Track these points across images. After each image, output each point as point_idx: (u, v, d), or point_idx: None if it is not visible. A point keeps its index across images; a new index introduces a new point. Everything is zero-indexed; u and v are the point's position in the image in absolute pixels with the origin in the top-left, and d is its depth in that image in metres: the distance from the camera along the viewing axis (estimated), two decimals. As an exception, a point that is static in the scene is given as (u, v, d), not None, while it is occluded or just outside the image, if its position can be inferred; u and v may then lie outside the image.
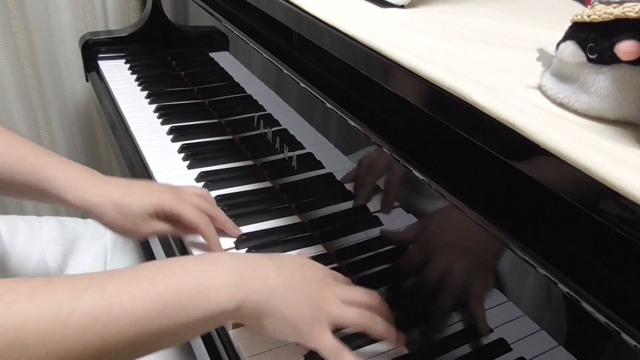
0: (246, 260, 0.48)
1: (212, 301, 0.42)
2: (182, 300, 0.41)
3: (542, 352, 0.43)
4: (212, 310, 0.42)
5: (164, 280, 0.41)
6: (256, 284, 0.46)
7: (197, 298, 0.42)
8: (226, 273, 0.45)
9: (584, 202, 0.36)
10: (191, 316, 0.41)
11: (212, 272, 0.44)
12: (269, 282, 0.47)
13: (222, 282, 0.44)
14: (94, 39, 1.24)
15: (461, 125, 0.45)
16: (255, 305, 0.46)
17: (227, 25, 0.89)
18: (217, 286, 0.43)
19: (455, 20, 0.66)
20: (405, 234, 0.57)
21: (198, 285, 0.42)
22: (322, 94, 0.67)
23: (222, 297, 0.43)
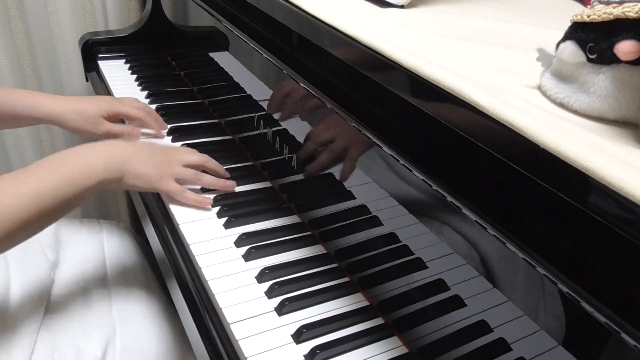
0: (110, 144, 0.71)
1: (94, 175, 0.66)
2: (77, 176, 0.64)
3: (542, 352, 0.44)
4: (95, 180, 0.66)
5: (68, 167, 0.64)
6: (117, 156, 0.69)
7: (87, 173, 0.65)
8: (100, 157, 0.68)
9: (583, 202, 0.36)
10: (84, 184, 0.64)
11: (93, 159, 0.67)
12: (125, 152, 0.70)
13: (98, 164, 0.67)
14: (94, 39, 1.24)
15: (461, 125, 0.45)
16: (117, 169, 0.69)
17: (227, 25, 0.89)
18: (96, 167, 0.66)
19: (455, 20, 0.66)
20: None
21: (85, 167, 0.65)
22: (322, 94, 0.67)
23: (99, 172, 0.66)
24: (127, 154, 0.70)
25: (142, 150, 0.73)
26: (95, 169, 0.66)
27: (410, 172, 0.54)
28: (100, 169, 0.66)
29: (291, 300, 0.64)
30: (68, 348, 0.71)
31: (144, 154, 0.73)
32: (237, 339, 0.59)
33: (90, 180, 0.65)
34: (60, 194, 0.61)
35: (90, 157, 0.66)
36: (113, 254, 0.91)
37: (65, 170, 0.63)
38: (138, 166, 0.71)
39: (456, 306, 0.53)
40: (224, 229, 0.75)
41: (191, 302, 0.67)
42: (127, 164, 0.70)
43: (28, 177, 0.60)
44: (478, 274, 0.49)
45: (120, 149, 0.70)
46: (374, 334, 0.61)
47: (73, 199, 0.63)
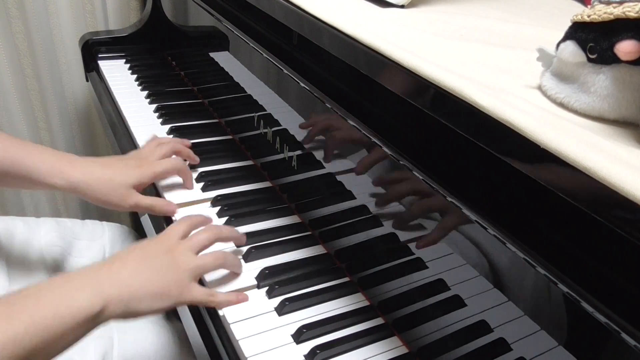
0: (95, 269, 0.55)
1: (76, 313, 0.49)
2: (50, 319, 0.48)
3: (542, 352, 0.44)
4: (80, 318, 0.50)
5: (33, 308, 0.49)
6: (111, 286, 0.53)
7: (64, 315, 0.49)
8: (84, 288, 0.52)
9: (584, 202, 0.36)
10: (62, 328, 0.49)
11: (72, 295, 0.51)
12: (119, 278, 0.54)
13: (80, 298, 0.50)
14: (94, 39, 1.24)
15: (461, 125, 0.45)
16: (120, 301, 0.53)
17: (227, 25, 0.89)
18: (78, 302, 0.50)
19: (455, 20, 0.66)
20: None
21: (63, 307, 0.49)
22: (322, 94, 0.67)
23: (84, 307, 0.50)
24: (124, 277, 0.55)
25: (141, 262, 0.57)
26: (77, 307, 0.50)
27: (410, 172, 0.54)
28: (85, 305, 0.51)
29: (291, 300, 0.64)
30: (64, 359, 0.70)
31: (147, 266, 0.57)
32: (237, 339, 0.59)
33: (68, 322, 0.50)
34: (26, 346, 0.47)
35: (69, 292, 0.51)
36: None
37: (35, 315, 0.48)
38: (147, 287, 0.55)
39: (456, 306, 0.53)
40: (224, 229, 0.75)
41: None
42: (131, 291, 0.54)
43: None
44: (478, 274, 0.49)
45: (113, 274, 0.55)
46: (374, 334, 0.61)
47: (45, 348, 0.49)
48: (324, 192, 0.73)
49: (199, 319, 0.64)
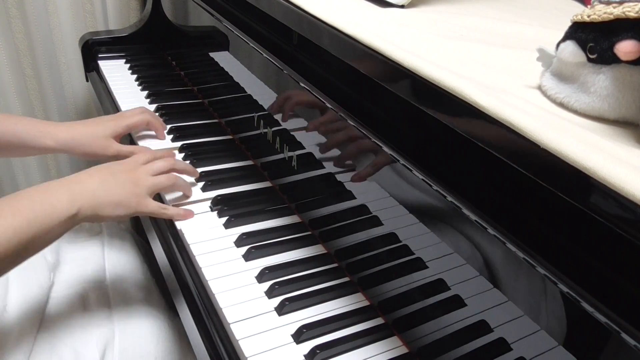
0: (70, 180, 0.68)
1: (59, 213, 0.63)
2: (40, 217, 0.61)
3: (542, 352, 0.44)
4: (62, 218, 0.63)
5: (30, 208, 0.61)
6: (82, 193, 0.66)
7: (50, 213, 0.62)
8: (63, 193, 0.65)
9: (584, 202, 0.36)
10: (48, 224, 0.62)
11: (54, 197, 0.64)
12: (89, 187, 0.67)
13: (61, 202, 0.64)
14: (94, 39, 1.24)
15: (461, 125, 0.45)
16: (89, 206, 0.66)
17: (227, 25, 0.89)
18: (59, 205, 0.63)
19: (456, 20, 0.66)
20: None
21: (47, 208, 0.62)
22: (322, 94, 0.67)
23: (64, 209, 0.63)
24: (93, 187, 0.67)
25: (106, 176, 0.70)
26: (59, 210, 0.63)
27: (410, 172, 0.54)
28: (65, 209, 0.63)
29: (291, 300, 0.64)
30: (66, 351, 0.71)
31: (110, 179, 0.69)
32: (237, 339, 0.59)
33: (53, 221, 0.62)
34: (23, 236, 0.59)
35: (53, 197, 0.63)
36: (113, 255, 0.91)
37: (24, 211, 0.60)
38: (108, 196, 0.68)
39: (456, 306, 0.53)
40: (224, 229, 0.75)
41: (191, 302, 0.67)
42: (96, 198, 0.67)
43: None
44: (478, 274, 0.49)
45: (83, 183, 0.67)
46: (374, 334, 0.61)
47: (37, 239, 0.61)
48: (324, 192, 0.73)
49: (199, 318, 0.65)
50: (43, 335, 0.71)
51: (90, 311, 0.78)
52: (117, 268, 0.88)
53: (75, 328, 0.74)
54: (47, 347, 0.70)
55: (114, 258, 0.90)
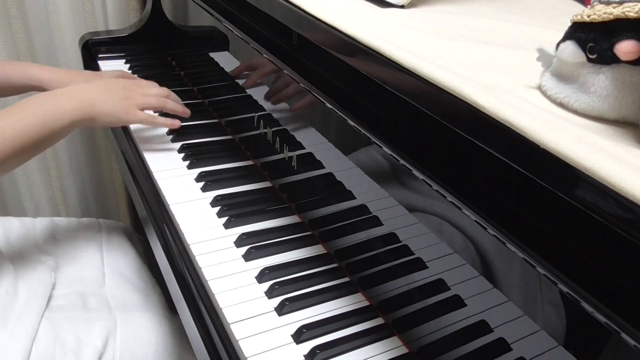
0: (74, 89, 0.79)
1: (66, 117, 0.74)
2: (49, 118, 0.72)
3: (542, 352, 0.44)
4: (67, 121, 0.74)
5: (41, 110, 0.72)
6: (83, 101, 0.77)
7: (59, 116, 0.73)
8: (69, 101, 0.76)
9: (583, 202, 0.36)
10: (56, 125, 0.73)
11: (63, 102, 0.75)
12: (89, 96, 0.78)
13: (68, 106, 0.75)
14: (94, 39, 1.24)
15: (461, 125, 0.45)
16: (87, 112, 0.77)
17: (227, 25, 0.89)
18: (66, 109, 0.75)
19: (456, 20, 0.66)
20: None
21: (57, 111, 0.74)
22: (322, 94, 0.67)
23: (70, 114, 0.75)
24: (91, 97, 0.78)
25: (104, 89, 0.81)
26: (66, 112, 0.74)
27: (410, 172, 0.54)
28: (70, 112, 0.75)
29: (291, 300, 0.64)
30: (69, 338, 0.72)
31: (107, 93, 0.81)
32: (237, 339, 0.59)
33: (61, 122, 0.73)
34: (35, 134, 0.70)
35: (61, 101, 0.75)
36: (113, 253, 0.91)
37: (39, 113, 0.71)
38: (105, 106, 0.79)
39: (456, 306, 0.53)
40: (224, 229, 0.75)
41: (191, 302, 0.67)
42: (95, 106, 0.78)
43: (6, 117, 0.69)
44: (478, 274, 0.49)
45: (85, 92, 0.79)
46: (374, 334, 0.61)
47: (47, 137, 0.72)
48: (324, 192, 0.73)
49: (199, 318, 0.64)
50: (46, 323, 0.72)
51: (92, 307, 0.79)
52: (117, 267, 0.89)
53: (78, 319, 0.75)
54: (50, 332, 0.71)
55: (114, 256, 0.90)
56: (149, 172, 0.88)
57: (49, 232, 0.90)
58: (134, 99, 0.83)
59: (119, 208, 1.61)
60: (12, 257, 0.80)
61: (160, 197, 0.81)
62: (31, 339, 0.69)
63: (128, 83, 0.86)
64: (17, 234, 0.87)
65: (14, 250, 0.82)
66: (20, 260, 0.80)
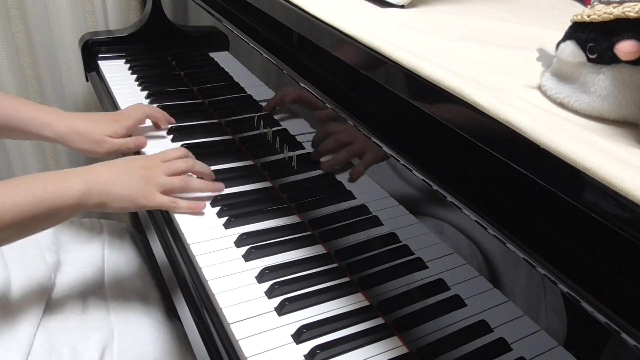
0: (86, 169, 0.71)
1: (68, 198, 0.66)
2: (47, 198, 0.65)
3: (542, 352, 0.44)
4: (70, 202, 0.67)
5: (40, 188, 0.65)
6: (94, 182, 0.69)
7: (59, 197, 0.66)
8: (75, 182, 0.68)
9: (584, 202, 0.36)
10: (55, 206, 0.65)
11: (69, 183, 0.68)
12: (102, 177, 0.70)
13: (74, 187, 0.67)
14: (94, 39, 1.24)
15: (461, 125, 0.45)
16: (98, 195, 0.69)
17: (227, 25, 0.89)
18: (71, 190, 0.67)
19: (455, 20, 0.66)
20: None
21: (59, 191, 0.66)
22: (322, 94, 0.67)
23: (74, 195, 0.67)
24: (105, 178, 0.70)
25: (121, 170, 0.73)
26: (69, 195, 0.66)
27: (410, 172, 0.54)
28: (75, 195, 0.67)
29: (291, 300, 0.64)
30: (65, 350, 0.71)
31: (124, 174, 0.72)
32: (237, 339, 0.59)
33: (62, 203, 0.66)
34: (33, 211, 0.63)
35: (65, 182, 0.67)
36: (114, 254, 0.91)
37: (35, 191, 0.64)
38: (119, 188, 0.71)
39: (456, 306, 0.53)
40: (224, 229, 0.75)
41: (191, 302, 0.67)
42: (107, 189, 0.70)
43: (5, 189, 0.63)
44: (478, 274, 0.49)
45: (97, 174, 0.70)
46: (374, 334, 0.61)
47: (43, 218, 0.65)
48: (324, 192, 0.73)
49: (199, 318, 0.64)
50: (42, 334, 0.72)
51: (90, 311, 0.78)
52: (117, 268, 0.89)
53: (75, 329, 0.75)
54: (46, 345, 0.71)
55: (114, 258, 0.90)
56: (149, 172, 0.87)
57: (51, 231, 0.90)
58: (154, 181, 0.74)
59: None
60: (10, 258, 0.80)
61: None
62: (26, 352, 0.69)
63: (149, 161, 0.77)
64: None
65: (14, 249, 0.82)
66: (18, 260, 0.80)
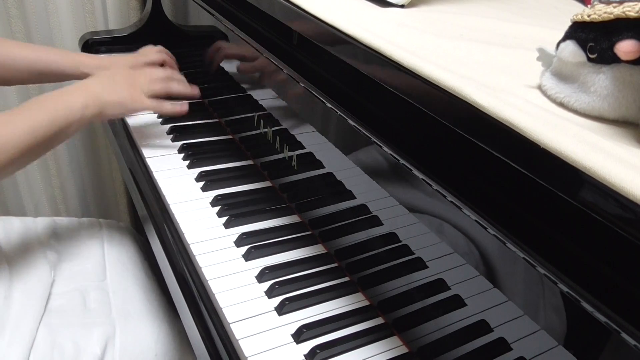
0: (79, 85, 0.79)
1: (75, 112, 0.75)
2: (61, 115, 0.73)
3: (542, 352, 0.44)
4: (76, 116, 0.75)
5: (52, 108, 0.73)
6: (90, 95, 0.77)
7: (68, 112, 0.74)
8: (77, 97, 0.76)
9: (583, 202, 0.36)
10: (67, 121, 0.74)
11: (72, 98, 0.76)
12: (95, 89, 0.79)
13: (77, 101, 0.76)
14: (94, 39, 1.24)
15: (461, 125, 0.45)
16: (95, 105, 0.77)
17: (227, 25, 0.89)
18: (75, 104, 0.75)
19: (456, 20, 0.66)
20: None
21: (67, 107, 0.74)
22: (322, 94, 0.67)
23: (78, 109, 0.75)
24: (97, 90, 0.79)
25: (108, 80, 0.82)
26: (75, 107, 0.75)
27: (410, 172, 0.54)
28: (79, 107, 0.75)
29: (291, 300, 0.64)
30: (68, 345, 0.71)
31: (111, 83, 0.81)
32: (237, 339, 0.59)
33: (71, 117, 0.74)
34: (47, 131, 0.71)
35: (70, 97, 0.76)
36: (113, 253, 0.91)
37: (50, 110, 0.72)
38: (110, 96, 0.79)
39: (456, 306, 0.53)
40: (224, 228, 0.75)
41: (191, 301, 0.67)
42: (101, 98, 0.78)
43: (18, 116, 0.70)
44: (478, 274, 0.49)
45: (91, 86, 0.79)
46: (374, 334, 0.61)
47: (58, 134, 0.73)
48: (324, 191, 0.73)
49: (199, 318, 0.64)
50: (44, 329, 0.72)
51: (91, 309, 0.79)
52: (117, 267, 0.89)
53: (76, 325, 0.75)
54: (48, 339, 0.71)
55: (114, 256, 0.90)
56: (149, 171, 0.88)
57: (51, 230, 0.90)
58: (139, 85, 0.84)
59: (119, 208, 1.61)
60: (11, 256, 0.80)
61: (160, 196, 0.81)
62: (29, 347, 0.69)
63: (131, 71, 0.87)
64: (18, 233, 0.87)
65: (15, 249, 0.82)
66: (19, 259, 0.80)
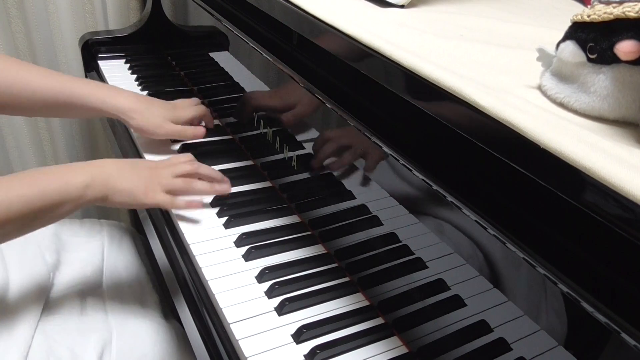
0: (92, 163, 0.71)
1: (71, 191, 0.66)
2: (51, 191, 0.65)
3: (542, 352, 0.44)
4: (73, 196, 0.66)
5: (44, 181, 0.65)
6: (98, 175, 0.69)
7: (64, 190, 0.66)
8: (81, 174, 0.68)
9: (584, 202, 0.36)
10: (59, 199, 0.65)
11: (72, 176, 0.67)
12: (106, 171, 0.71)
13: (77, 181, 0.67)
14: (94, 39, 1.24)
15: (461, 125, 0.45)
16: (100, 189, 0.69)
17: (227, 25, 0.89)
18: (74, 183, 0.67)
19: (456, 20, 0.66)
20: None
21: (63, 184, 0.66)
22: (322, 94, 0.67)
23: (77, 188, 0.67)
24: (109, 172, 0.70)
25: (126, 166, 0.73)
26: (73, 187, 0.66)
27: (410, 172, 0.54)
28: (79, 187, 0.67)
29: (291, 300, 0.64)
30: (64, 352, 0.71)
31: (128, 170, 0.73)
32: (237, 339, 0.59)
33: (66, 196, 0.65)
34: (30, 205, 0.62)
35: (70, 175, 0.67)
36: (113, 254, 0.91)
37: (40, 183, 0.64)
38: (122, 183, 0.71)
39: (456, 306, 0.53)
40: (224, 229, 0.75)
41: (191, 302, 0.67)
42: (110, 182, 0.70)
43: (4, 185, 0.62)
44: (478, 274, 0.49)
45: (102, 167, 0.71)
46: (374, 334, 0.61)
47: (46, 211, 0.64)
48: (324, 192, 0.73)
49: (199, 318, 0.64)
50: (40, 336, 0.71)
51: (88, 313, 0.78)
52: (116, 270, 0.88)
53: (73, 330, 0.74)
54: (44, 346, 0.70)
55: (113, 259, 0.90)
56: (149, 172, 0.87)
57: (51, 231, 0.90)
58: (158, 179, 0.74)
59: (119, 208, 1.61)
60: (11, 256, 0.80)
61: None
62: (24, 354, 0.68)
63: (155, 163, 0.78)
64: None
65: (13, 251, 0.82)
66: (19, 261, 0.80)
